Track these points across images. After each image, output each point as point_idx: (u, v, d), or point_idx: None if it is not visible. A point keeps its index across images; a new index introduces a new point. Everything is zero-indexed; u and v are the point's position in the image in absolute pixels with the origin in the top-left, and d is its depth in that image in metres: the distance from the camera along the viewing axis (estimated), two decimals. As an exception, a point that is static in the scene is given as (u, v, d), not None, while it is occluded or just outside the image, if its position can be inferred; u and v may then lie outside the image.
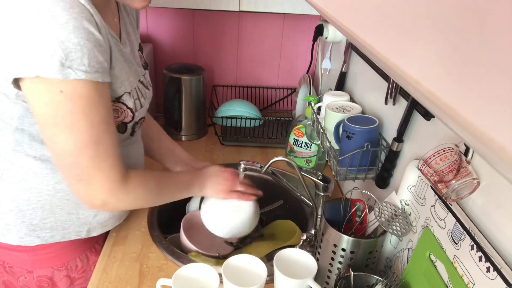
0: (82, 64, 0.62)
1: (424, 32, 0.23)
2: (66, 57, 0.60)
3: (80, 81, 0.63)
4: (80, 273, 0.92)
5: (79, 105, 0.65)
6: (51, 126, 0.66)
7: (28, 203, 0.79)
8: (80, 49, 0.61)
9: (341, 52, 1.28)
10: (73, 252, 0.89)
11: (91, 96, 0.65)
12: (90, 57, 0.63)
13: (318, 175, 0.97)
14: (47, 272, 0.88)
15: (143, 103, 0.85)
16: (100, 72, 0.65)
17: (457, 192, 0.58)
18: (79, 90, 0.64)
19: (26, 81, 0.63)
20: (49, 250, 0.86)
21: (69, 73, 0.61)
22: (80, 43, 0.61)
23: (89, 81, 0.64)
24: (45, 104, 0.64)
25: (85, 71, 0.62)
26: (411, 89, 0.24)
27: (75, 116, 0.65)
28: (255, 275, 0.77)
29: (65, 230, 0.85)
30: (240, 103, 1.52)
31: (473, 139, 0.18)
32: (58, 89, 0.62)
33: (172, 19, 1.58)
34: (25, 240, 0.82)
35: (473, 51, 0.19)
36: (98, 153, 0.69)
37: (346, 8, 0.39)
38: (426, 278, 0.66)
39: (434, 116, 0.73)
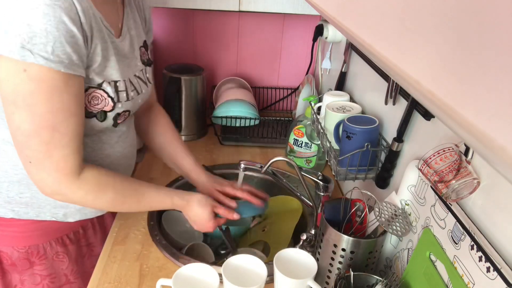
0: (44, 50, 0.62)
1: (424, 32, 0.23)
2: (29, 40, 0.61)
3: (41, 66, 0.63)
4: (42, 260, 0.91)
5: (40, 87, 0.65)
6: (10, 103, 0.66)
7: (5, 175, 0.81)
8: (46, 35, 0.61)
9: (341, 52, 1.28)
10: (38, 237, 0.89)
11: (55, 82, 0.65)
12: (55, 45, 0.63)
13: (318, 175, 0.97)
14: (7, 250, 0.88)
15: (133, 96, 0.84)
16: (65, 62, 0.65)
17: (457, 192, 0.58)
18: (43, 73, 0.64)
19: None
20: (16, 229, 0.86)
21: (28, 56, 0.61)
22: (47, 29, 0.61)
23: (50, 69, 0.64)
24: (7, 81, 0.65)
25: (46, 58, 0.62)
26: (411, 89, 0.24)
27: (35, 98, 0.65)
28: (255, 275, 0.77)
29: (40, 208, 0.85)
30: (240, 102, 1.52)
31: (473, 139, 0.18)
32: (22, 67, 0.63)
33: (172, 19, 1.58)
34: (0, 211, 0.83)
35: (473, 51, 0.19)
36: (52, 140, 0.69)
37: (346, 8, 0.39)
38: (426, 278, 0.66)
39: (434, 116, 0.73)
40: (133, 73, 0.84)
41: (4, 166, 0.80)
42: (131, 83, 0.83)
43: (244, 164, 0.98)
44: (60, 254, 0.94)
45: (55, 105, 0.67)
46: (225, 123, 1.44)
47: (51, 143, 0.69)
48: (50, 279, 0.94)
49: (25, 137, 0.68)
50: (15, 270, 0.91)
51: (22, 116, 0.67)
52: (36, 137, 0.68)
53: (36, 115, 0.66)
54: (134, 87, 0.84)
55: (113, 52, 0.77)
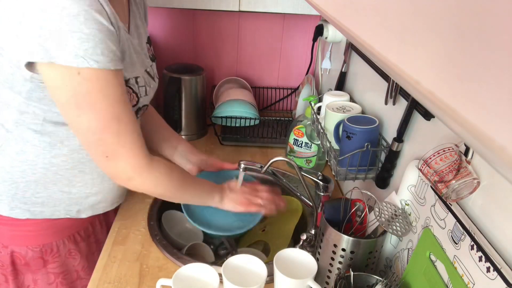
0: (95, 53, 0.65)
1: (424, 32, 0.23)
2: (79, 47, 0.64)
3: (94, 69, 0.66)
4: (55, 258, 0.93)
5: (96, 85, 0.68)
6: (73, 107, 0.70)
7: (22, 176, 0.82)
8: (93, 39, 0.64)
9: (341, 52, 1.28)
10: (51, 236, 0.91)
11: (108, 77, 0.69)
12: (103, 46, 0.66)
13: (318, 175, 0.97)
14: (21, 250, 0.89)
15: (148, 92, 0.88)
16: (114, 60, 0.69)
17: (457, 192, 0.58)
18: (95, 74, 0.67)
19: (42, 66, 0.67)
20: (29, 228, 0.87)
21: (82, 62, 0.65)
22: (92, 33, 0.64)
23: (103, 70, 0.68)
24: (64, 86, 0.68)
25: (98, 61, 0.66)
26: (411, 89, 0.24)
27: (94, 95, 0.69)
28: (255, 275, 0.77)
29: (55, 207, 0.87)
30: (240, 102, 1.52)
31: (473, 139, 0.18)
32: (76, 71, 0.66)
33: (172, 19, 1.58)
34: (15, 212, 0.85)
35: (473, 51, 0.19)
36: (120, 130, 0.73)
37: (346, 8, 0.39)
38: (426, 278, 0.66)
39: (434, 116, 0.73)
40: (144, 69, 0.87)
41: (22, 166, 0.81)
42: (144, 78, 0.86)
43: (244, 164, 0.98)
44: (73, 251, 0.95)
45: (113, 98, 0.71)
46: (225, 123, 1.44)
47: (120, 133, 0.73)
48: (62, 276, 0.95)
49: (97, 134, 0.72)
50: (28, 270, 0.92)
51: (89, 116, 0.70)
52: (107, 131, 0.72)
53: (101, 111, 0.70)
54: (146, 82, 0.87)
55: (131, 48, 0.80)
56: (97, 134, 0.72)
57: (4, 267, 0.91)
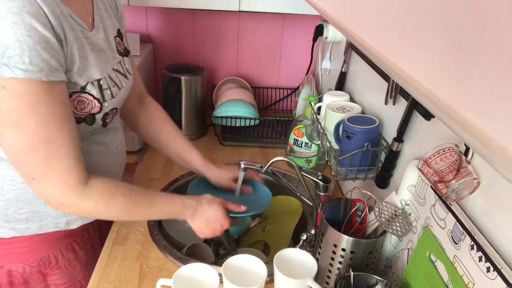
0: (21, 62, 0.58)
1: (424, 32, 0.23)
2: (3, 54, 0.57)
3: (21, 82, 0.59)
4: (54, 270, 0.89)
5: (24, 102, 0.61)
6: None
7: (1, 193, 0.77)
8: (19, 46, 0.57)
9: (341, 52, 1.28)
10: (47, 248, 0.87)
11: (37, 93, 0.61)
12: (31, 54, 0.59)
13: (318, 175, 0.97)
14: (18, 268, 0.85)
15: (115, 93, 0.81)
16: (45, 70, 0.61)
17: (457, 192, 0.58)
18: (24, 86, 0.60)
19: None
20: (22, 244, 0.83)
21: (5, 71, 0.58)
22: (20, 39, 0.57)
23: (31, 80, 0.60)
24: None
25: (25, 70, 0.59)
26: (411, 89, 0.24)
27: (21, 113, 0.61)
28: (255, 275, 0.77)
29: (42, 221, 0.82)
30: (240, 102, 1.53)
31: (473, 139, 0.18)
32: (1, 85, 0.59)
33: (172, 19, 1.58)
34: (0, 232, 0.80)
35: (473, 51, 0.19)
36: (50, 152, 0.66)
37: (346, 8, 0.39)
38: (426, 278, 0.66)
39: (434, 116, 0.72)
40: (111, 67, 0.81)
41: (1, 183, 0.77)
42: (111, 78, 0.80)
43: (244, 164, 0.98)
44: (72, 261, 0.92)
45: (44, 117, 0.64)
46: (225, 123, 1.44)
47: (50, 156, 0.66)
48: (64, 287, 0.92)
49: (22, 155, 0.65)
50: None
51: (13, 135, 0.63)
52: (33, 152, 0.65)
53: (27, 131, 0.63)
54: (114, 82, 0.81)
55: (90, 49, 0.73)
56: (22, 155, 0.65)
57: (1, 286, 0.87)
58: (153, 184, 1.20)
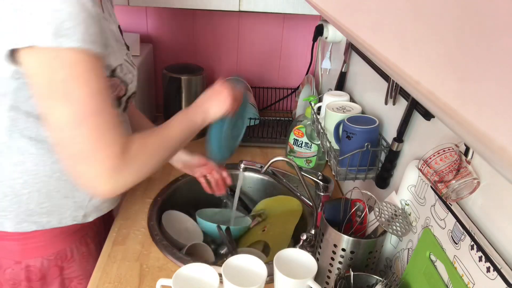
0: (75, 33, 0.61)
1: (424, 31, 0.23)
2: (60, 26, 0.60)
3: (75, 49, 0.61)
4: (70, 263, 0.92)
5: (75, 72, 0.62)
6: (46, 97, 0.63)
7: (24, 187, 0.78)
8: (74, 18, 0.60)
9: (341, 52, 1.28)
10: (64, 242, 0.89)
11: (87, 64, 0.63)
12: (85, 26, 0.62)
13: (318, 175, 0.97)
14: (36, 262, 0.87)
15: (132, 79, 0.84)
16: (95, 42, 0.64)
17: (457, 192, 0.58)
18: (76, 57, 0.62)
19: (22, 54, 0.62)
20: (40, 239, 0.85)
21: (63, 42, 0.60)
22: (73, 12, 0.60)
23: (84, 50, 0.62)
24: (40, 74, 0.62)
25: (81, 40, 0.61)
26: (411, 89, 0.24)
27: (71, 84, 0.62)
28: (255, 275, 0.77)
29: (61, 215, 0.84)
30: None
31: (473, 139, 0.18)
32: (53, 55, 0.61)
33: (172, 19, 1.58)
34: (22, 226, 0.82)
35: (473, 51, 0.19)
36: (98, 125, 0.65)
37: (346, 8, 0.39)
38: (426, 278, 0.66)
39: (434, 116, 0.73)
40: (122, 57, 0.83)
41: (23, 177, 0.78)
42: (127, 66, 0.83)
43: (244, 164, 0.98)
44: (85, 254, 0.94)
45: (92, 89, 0.64)
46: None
47: (99, 129, 0.65)
48: (77, 280, 0.94)
49: (71, 130, 0.64)
50: (44, 283, 0.90)
51: (62, 108, 0.63)
52: (82, 125, 0.64)
53: (76, 103, 0.63)
54: (129, 69, 0.84)
55: (110, 35, 0.77)
56: (70, 129, 0.64)
57: (16, 285, 0.88)
58: (153, 184, 1.20)
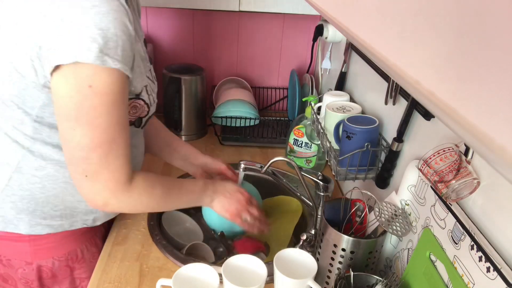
0: (117, 54, 0.63)
1: (424, 32, 0.23)
2: (105, 45, 0.62)
3: (112, 73, 0.64)
4: (81, 263, 0.93)
5: (104, 101, 0.66)
6: (72, 118, 0.67)
7: (42, 191, 0.80)
8: (117, 39, 0.63)
9: (341, 52, 1.28)
10: (74, 242, 0.90)
11: (117, 93, 0.67)
12: (124, 49, 0.64)
13: (318, 175, 0.97)
14: (47, 263, 0.88)
15: (155, 98, 0.86)
16: (129, 66, 0.67)
17: (457, 192, 0.58)
18: (109, 85, 0.65)
19: (61, 70, 0.64)
20: (51, 240, 0.86)
21: (106, 61, 0.63)
22: (117, 34, 0.63)
23: (121, 73, 0.65)
24: (70, 97, 0.65)
25: (120, 61, 0.64)
26: (411, 89, 0.24)
27: (98, 112, 0.66)
28: (255, 275, 0.77)
29: (73, 218, 0.86)
30: (240, 102, 1.53)
31: (473, 139, 0.18)
32: (88, 83, 0.64)
33: (172, 19, 1.58)
34: (35, 229, 0.83)
35: (473, 51, 0.19)
36: (110, 152, 0.70)
37: (346, 8, 0.39)
38: (426, 278, 0.66)
39: (434, 116, 0.72)
40: (145, 74, 0.85)
41: (43, 182, 0.80)
42: (149, 84, 0.85)
43: (244, 164, 0.98)
44: (95, 255, 0.95)
45: (115, 118, 0.68)
46: (225, 123, 1.44)
47: (109, 155, 0.70)
48: (88, 281, 0.94)
49: (85, 152, 0.69)
50: (55, 282, 0.91)
51: (84, 131, 0.67)
52: (97, 150, 0.69)
53: (97, 129, 0.67)
54: (151, 88, 0.86)
55: (138, 56, 0.78)
56: (85, 151, 0.69)
57: (28, 283, 0.89)
58: (153, 184, 1.20)
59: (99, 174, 0.71)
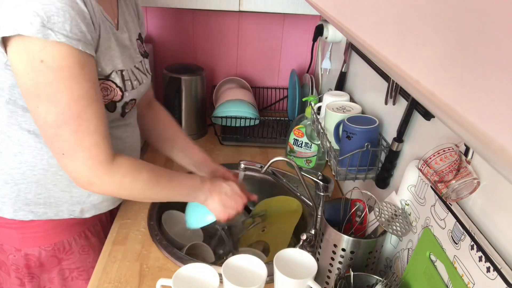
0: (63, 28, 0.63)
1: (424, 32, 0.23)
2: (48, 19, 0.62)
3: (61, 48, 0.63)
4: (69, 255, 0.94)
5: (60, 76, 0.65)
6: (33, 96, 0.67)
7: (23, 177, 0.81)
8: (63, 14, 0.62)
9: (341, 52, 1.28)
10: (61, 234, 0.91)
11: (73, 68, 0.66)
12: (72, 23, 0.64)
13: (318, 175, 0.97)
14: (34, 251, 0.89)
15: (136, 86, 0.85)
16: (82, 41, 0.66)
17: (457, 192, 0.58)
18: (60, 59, 0.64)
19: (11, 45, 0.64)
20: (37, 229, 0.87)
21: (49, 34, 0.62)
22: (63, 8, 0.62)
23: (70, 48, 0.64)
24: (26, 74, 0.65)
25: (66, 35, 0.63)
26: (411, 89, 0.24)
27: (56, 87, 0.66)
28: (255, 275, 0.77)
29: (58, 207, 0.86)
30: (240, 102, 1.53)
31: (473, 139, 0.18)
32: (39, 58, 0.63)
33: (172, 19, 1.58)
34: (19, 214, 0.85)
35: (473, 51, 0.19)
36: (80, 128, 0.69)
37: (346, 8, 0.39)
38: (426, 278, 0.66)
39: (434, 116, 0.73)
40: (133, 64, 0.86)
41: (22, 168, 0.81)
42: (133, 73, 0.85)
43: (244, 164, 0.98)
44: (85, 247, 0.96)
45: (76, 93, 0.67)
46: (225, 123, 1.44)
47: (79, 131, 0.69)
48: (78, 272, 0.96)
49: (53, 128, 0.69)
50: (43, 271, 0.92)
51: (46, 108, 0.67)
52: (64, 127, 0.68)
53: (59, 105, 0.67)
54: (136, 77, 0.86)
55: (115, 43, 0.79)
56: (54, 128, 0.69)
57: (19, 270, 0.91)
58: (153, 184, 1.20)
59: (74, 152, 0.71)
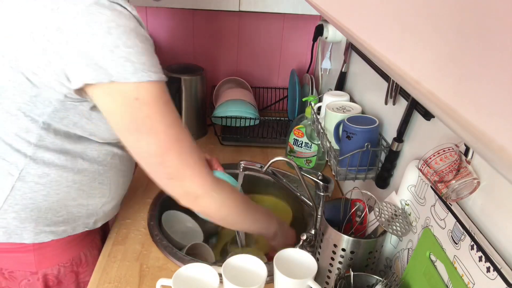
0: (151, 65, 0.66)
1: (424, 31, 0.23)
2: (137, 61, 0.64)
3: (152, 83, 0.66)
4: (84, 267, 0.93)
5: (155, 107, 0.68)
6: (133, 131, 0.69)
7: (45, 198, 0.80)
8: (146, 53, 0.66)
9: (341, 52, 1.28)
10: (77, 247, 0.91)
11: (163, 97, 0.69)
12: (154, 59, 0.67)
13: (318, 175, 0.97)
14: (53, 270, 0.88)
15: None
16: (161, 72, 0.69)
17: (457, 192, 0.58)
18: (152, 93, 0.67)
19: (98, 91, 0.66)
20: (55, 248, 0.86)
21: (142, 76, 0.65)
22: (144, 47, 0.66)
23: (160, 82, 0.68)
24: (122, 114, 0.67)
25: (155, 72, 0.67)
26: (411, 89, 0.24)
27: (153, 118, 0.68)
28: (255, 275, 0.77)
29: (75, 222, 0.86)
30: (240, 102, 1.53)
31: (473, 139, 0.18)
32: (133, 97, 0.66)
33: (172, 19, 1.58)
34: (39, 237, 0.83)
35: (473, 51, 0.19)
36: (182, 149, 0.72)
37: (346, 8, 0.39)
38: (426, 278, 0.66)
39: (434, 116, 0.72)
40: None
41: (46, 188, 0.79)
42: None
43: (244, 164, 0.98)
44: (98, 257, 0.95)
45: (170, 118, 0.71)
46: (225, 123, 1.44)
47: (183, 153, 0.73)
48: None
49: (158, 157, 0.71)
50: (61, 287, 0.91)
51: (148, 140, 0.70)
52: (168, 152, 0.71)
53: (159, 134, 0.70)
54: None
55: None
56: (159, 156, 0.71)
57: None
58: (153, 185, 1.20)
59: (182, 173, 0.73)
